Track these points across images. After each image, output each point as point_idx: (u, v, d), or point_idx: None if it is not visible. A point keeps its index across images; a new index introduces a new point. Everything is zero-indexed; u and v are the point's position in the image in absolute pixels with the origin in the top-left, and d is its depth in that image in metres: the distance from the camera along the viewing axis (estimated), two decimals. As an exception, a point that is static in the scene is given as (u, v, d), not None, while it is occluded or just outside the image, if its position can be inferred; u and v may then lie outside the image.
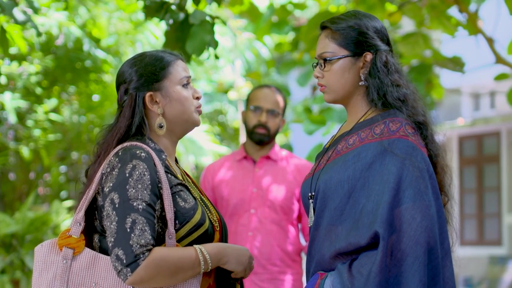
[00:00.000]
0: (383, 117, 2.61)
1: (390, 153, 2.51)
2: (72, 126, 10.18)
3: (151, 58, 2.60)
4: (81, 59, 9.61)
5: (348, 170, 2.55)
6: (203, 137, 10.92)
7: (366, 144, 2.57)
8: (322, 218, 2.58)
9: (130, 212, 2.38)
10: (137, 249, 2.34)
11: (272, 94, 4.42)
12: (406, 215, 2.44)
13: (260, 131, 4.37)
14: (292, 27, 8.25)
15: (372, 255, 2.43)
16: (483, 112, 15.53)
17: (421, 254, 2.43)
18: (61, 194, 10.75)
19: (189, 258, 2.41)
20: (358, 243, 2.46)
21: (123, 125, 2.55)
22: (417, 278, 2.40)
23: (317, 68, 2.70)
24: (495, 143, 15.40)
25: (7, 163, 10.28)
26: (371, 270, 2.41)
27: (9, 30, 5.15)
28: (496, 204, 15.21)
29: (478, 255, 14.62)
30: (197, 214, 2.49)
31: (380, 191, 2.47)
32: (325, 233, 2.55)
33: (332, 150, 2.69)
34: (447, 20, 6.49)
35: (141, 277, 2.35)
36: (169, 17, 4.43)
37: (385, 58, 2.67)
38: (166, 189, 2.45)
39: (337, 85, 2.67)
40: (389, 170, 2.48)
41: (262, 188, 4.36)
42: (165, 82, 2.58)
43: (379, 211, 2.44)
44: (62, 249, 2.46)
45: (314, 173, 2.70)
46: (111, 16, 10.07)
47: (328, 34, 2.68)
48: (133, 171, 2.42)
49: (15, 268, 8.64)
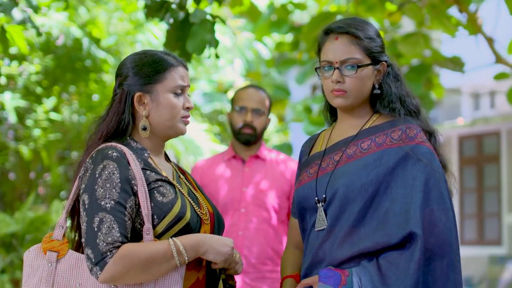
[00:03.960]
0: (397, 124, 2.69)
1: (413, 158, 2.61)
2: (72, 125, 10.18)
3: (151, 58, 2.61)
4: (81, 59, 9.61)
5: (371, 174, 2.61)
6: (203, 137, 10.92)
7: (386, 149, 2.64)
8: (340, 220, 2.62)
9: (98, 211, 2.41)
10: (103, 247, 2.37)
11: (257, 94, 4.43)
12: (433, 217, 2.56)
13: (246, 131, 4.37)
14: (291, 26, 8.26)
15: (407, 253, 2.51)
16: (483, 112, 15.53)
17: (448, 254, 2.57)
18: (61, 194, 10.75)
19: (162, 251, 2.41)
20: (388, 242, 2.52)
21: (113, 120, 2.59)
22: (445, 277, 2.54)
23: (337, 73, 2.69)
24: (495, 142, 15.40)
25: (7, 163, 10.29)
26: (409, 267, 2.49)
27: (10, 30, 5.14)
28: (496, 203, 15.21)
29: (478, 255, 14.62)
30: (175, 208, 2.48)
31: (407, 194, 2.56)
32: (345, 235, 2.59)
33: (339, 153, 2.72)
34: (447, 20, 6.49)
35: (111, 274, 2.37)
36: (169, 17, 4.43)
37: (396, 69, 2.78)
38: (141, 185, 2.45)
39: (359, 92, 2.70)
40: (414, 174, 2.58)
41: (252, 187, 4.36)
42: (157, 86, 2.58)
43: (412, 212, 2.53)
44: (46, 253, 2.50)
45: (318, 176, 2.72)
46: (111, 16, 10.07)
47: (353, 40, 2.69)
48: (102, 171, 2.45)
49: (15, 268, 8.65)
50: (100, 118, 2.65)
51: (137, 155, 2.54)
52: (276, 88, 12.16)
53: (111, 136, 2.58)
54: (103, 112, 2.65)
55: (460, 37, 7.03)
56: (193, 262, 2.50)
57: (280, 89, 12.11)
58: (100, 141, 2.57)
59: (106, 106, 2.66)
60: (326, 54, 2.72)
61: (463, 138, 15.85)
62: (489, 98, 15.38)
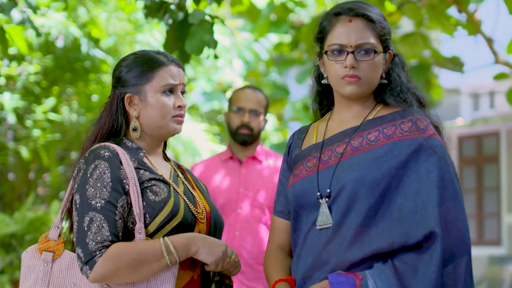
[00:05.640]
0: (406, 115, 2.53)
1: (427, 151, 2.44)
2: (71, 126, 10.17)
3: (141, 59, 2.60)
4: (80, 59, 9.61)
5: (382, 168, 2.42)
6: (202, 137, 10.91)
7: (397, 141, 2.46)
8: (348, 218, 2.42)
9: (88, 210, 2.41)
10: (93, 246, 2.37)
11: (254, 94, 4.45)
12: (450, 215, 2.40)
13: (243, 131, 4.40)
14: (291, 26, 8.26)
15: (426, 254, 2.35)
16: (482, 112, 15.52)
17: (466, 253, 2.43)
18: (60, 194, 10.73)
19: (152, 250, 2.40)
20: (405, 243, 2.35)
21: (106, 121, 2.60)
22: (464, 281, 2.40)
23: (352, 57, 2.49)
24: (494, 143, 15.40)
25: (7, 163, 10.28)
26: (429, 270, 2.33)
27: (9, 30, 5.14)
28: (496, 204, 15.21)
29: (478, 255, 14.62)
30: (167, 206, 2.47)
31: (422, 190, 2.40)
32: (354, 234, 2.40)
33: (341, 145, 2.53)
34: (446, 20, 6.50)
35: (100, 273, 2.37)
36: (168, 17, 4.44)
37: (403, 58, 2.62)
38: (133, 185, 2.45)
39: (372, 79, 2.53)
40: (427, 168, 2.42)
41: (249, 188, 4.38)
42: (145, 86, 2.58)
43: (430, 211, 2.37)
44: (42, 253, 2.51)
45: (319, 170, 2.52)
46: (110, 16, 10.06)
47: (368, 24, 2.52)
48: (94, 171, 2.45)
49: (14, 268, 8.65)
50: (96, 120, 2.66)
51: (131, 154, 2.54)
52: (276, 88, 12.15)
53: (106, 137, 2.59)
54: (98, 114, 2.66)
55: (459, 37, 7.04)
56: (188, 261, 2.49)
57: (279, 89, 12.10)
58: (95, 142, 2.58)
59: (100, 107, 2.66)
60: (337, 37, 2.52)
61: (462, 138, 15.85)
62: (489, 98, 15.37)
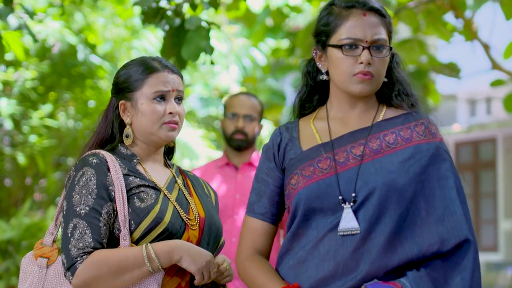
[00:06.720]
0: (417, 118, 2.47)
1: (441, 156, 2.41)
2: (68, 132, 10.17)
3: (135, 65, 2.61)
4: (77, 65, 9.61)
5: (409, 172, 2.35)
6: (199, 143, 10.90)
7: (417, 145, 2.40)
8: (379, 225, 2.33)
9: (73, 217, 2.42)
10: (74, 252, 2.38)
11: (248, 100, 4.47)
12: (469, 221, 2.43)
13: (238, 137, 4.41)
14: (287, 32, 8.27)
15: (459, 261, 2.32)
16: (479, 118, 15.55)
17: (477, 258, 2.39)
18: (56, 200, 10.72)
19: (133, 257, 2.40)
20: (439, 250, 2.31)
21: (103, 129, 2.61)
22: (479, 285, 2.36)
23: (368, 53, 2.38)
24: (491, 149, 15.42)
25: (3, 169, 10.27)
26: (463, 278, 2.30)
27: (6, 36, 5.14)
28: (492, 210, 15.22)
29: (474, 261, 14.62)
30: (151, 213, 2.46)
31: (445, 197, 2.37)
32: (388, 241, 2.31)
33: (357, 147, 2.42)
34: (443, 26, 6.51)
35: (82, 279, 2.38)
36: (165, 23, 4.44)
37: (400, 57, 2.55)
38: (119, 191, 2.45)
39: (382, 77, 2.44)
40: (446, 175, 2.39)
41: (245, 194, 4.37)
42: (136, 93, 2.58)
43: (460, 218, 2.37)
44: (37, 259, 2.53)
45: (339, 172, 2.40)
46: (107, 22, 10.07)
47: (380, 19, 2.42)
48: (81, 178, 2.47)
49: (11, 274, 8.63)
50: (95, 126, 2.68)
51: (124, 161, 2.54)
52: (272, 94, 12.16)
53: (103, 144, 2.60)
54: (96, 121, 2.67)
55: (456, 43, 7.06)
56: (175, 268, 2.47)
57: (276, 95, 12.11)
58: (91, 149, 2.59)
59: (98, 115, 2.68)
60: (351, 30, 2.40)
61: (459, 145, 15.86)
62: (485, 105, 15.40)
